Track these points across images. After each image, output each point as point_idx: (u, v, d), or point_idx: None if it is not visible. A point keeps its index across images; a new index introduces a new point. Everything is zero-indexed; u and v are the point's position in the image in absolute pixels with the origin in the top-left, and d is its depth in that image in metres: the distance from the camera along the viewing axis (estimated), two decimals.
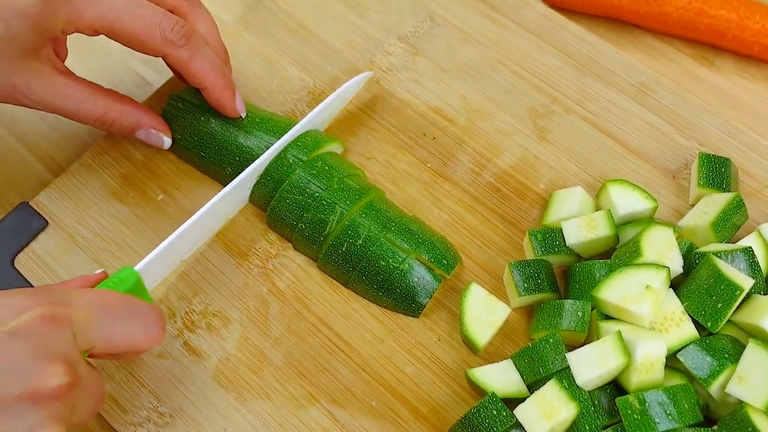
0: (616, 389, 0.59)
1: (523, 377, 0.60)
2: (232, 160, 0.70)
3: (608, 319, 0.61)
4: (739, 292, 0.57)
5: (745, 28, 0.77)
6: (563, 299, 0.63)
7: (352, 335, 0.66)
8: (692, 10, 0.78)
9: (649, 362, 0.56)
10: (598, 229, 0.64)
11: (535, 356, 0.59)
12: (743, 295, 0.57)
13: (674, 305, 0.59)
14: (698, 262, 0.61)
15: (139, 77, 0.83)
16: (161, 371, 0.65)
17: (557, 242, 0.65)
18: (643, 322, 0.58)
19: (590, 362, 0.57)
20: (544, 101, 0.76)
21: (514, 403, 0.58)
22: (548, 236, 0.66)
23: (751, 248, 0.61)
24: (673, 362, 0.58)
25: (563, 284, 0.67)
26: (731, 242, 0.65)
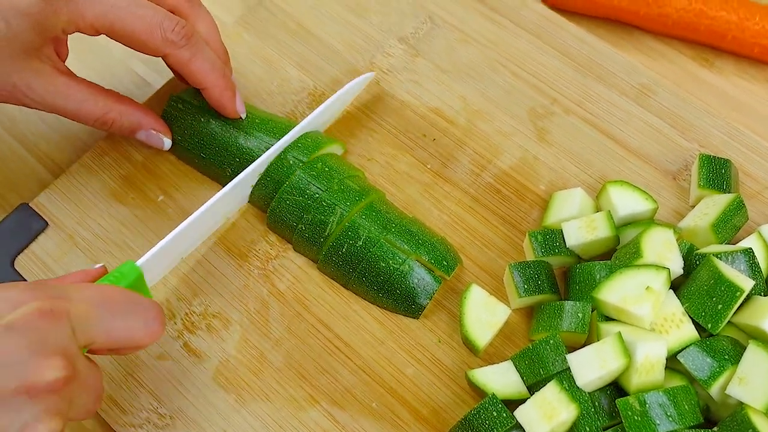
0: (616, 390, 0.59)
1: (523, 378, 0.60)
2: (232, 161, 0.70)
3: (608, 320, 0.61)
4: (739, 293, 0.57)
5: (745, 29, 0.77)
6: (563, 300, 0.63)
7: (352, 337, 0.66)
8: (692, 11, 0.78)
9: (649, 363, 0.56)
10: (598, 230, 0.64)
11: (535, 357, 0.59)
12: (743, 296, 0.57)
13: (674, 306, 0.59)
14: (698, 263, 0.61)
15: (139, 78, 0.83)
16: (161, 372, 0.65)
17: (557, 243, 0.65)
18: (643, 323, 0.58)
19: (590, 363, 0.57)
20: (544, 102, 0.76)
21: (514, 404, 0.58)
22: (548, 237, 0.66)
23: (751, 249, 0.61)
24: (673, 363, 0.58)
25: (563, 285, 0.67)
26: (731, 243, 0.65)
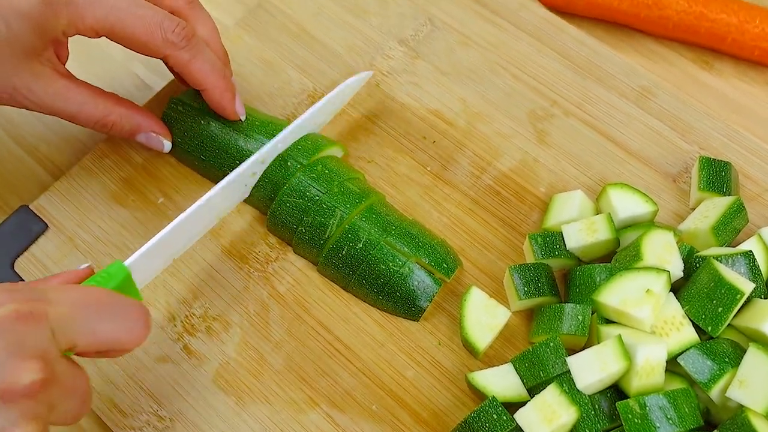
0: (616, 393, 0.59)
1: (523, 381, 0.60)
2: (232, 163, 0.70)
3: (609, 323, 0.61)
4: (739, 296, 0.57)
5: (745, 32, 0.77)
6: (563, 303, 0.63)
7: (352, 339, 0.66)
8: (692, 13, 0.78)
9: (649, 366, 0.56)
10: (598, 232, 0.64)
11: (535, 360, 0.59)
12: (744, 299, 0.57)
13: (675, 309, 0.59)
14: (699, 265, 0.61)
15: (139, 80, 0.83)
16: (161, 375, 0.65)
17: (557, 246, 0.65)
18: (643, 326, 0.58)
19: (591, 366, 0.57)
20: (544, 104, 0.76)
21: (514, 407, 0.58)
22: (548, 240, 0.66)
23: (751, 252, 0.60)
24: (673, 366, 0.58)
25: (563, 288, 0.67)
26: (732, 246, 0.65)
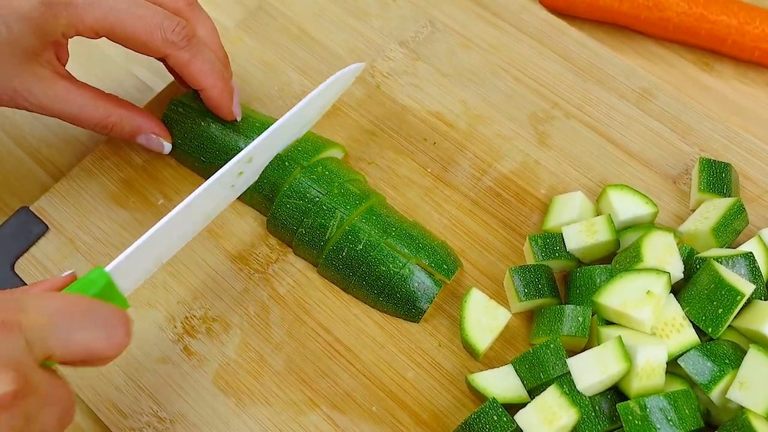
0: (616, 395, 0.59)
1: (523, 382, 0.60)
2: None
3: (609, 324, 0.60)
4: (740, 297, 0.57)
5: (745, 33, 0.77)
6: (564, 304, 0.63)
7: (352, 340, 0.66)
8: (693, 15, 0.78)
9: (650, 368, 0.56)
10: (598, 234, 0.64)
11: (535, 361, 0.59)
12: (744, 300, 0.57)
13: (675, 311, 0.59)
14: (699, 267, 0.61)
15: (139, 82, 0.83)
16: (161, 376, 0.65)
17: (558, 247, 0.65)
18: (643, 327, 0.58)
19: (591, 368, 0.57)
20: (544, 106, 0.76)
21: (514, 408, 0.58)
22: (549, 241, 0.66)
23: (751, 253, 0.60)
24: (673, 368, 0.58)
25: (564, 289, 0.67)
26: (732, 247, 0.65)
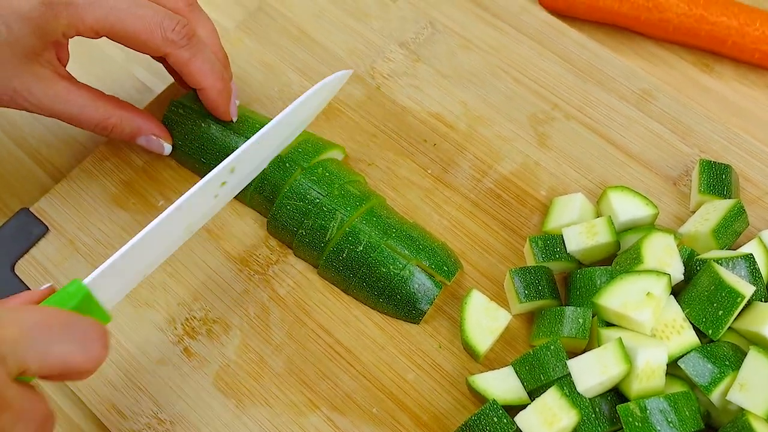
0: (617, 396, 0.59)
1: (524, 384, 0.60)
2: None
3: (609, 326, 0.60)
4: (740, 299, 0.57)
5: (745, 35, 0.77)
6: (564, 306, 0.63)
7: (352, 342, 0.66)
8: (693, 17, 0.78)
9: (650, 369, 0.56)
10: (598, 235, 0.64)
11: (536, 363, 0.59)
12: (744, 302, 0.57)
13: (675, 312, 0.59)
14: (699, 269, 0.61)
15: (139, 83, 0.83)
16: (161, 377, 0.65)
17: (558, 249, 0.65)
18: (644, 329, 0.58)
19: (591, 369, 0.57)
20: (544, 108, 0.76)
21: (515, 410, 0.58)
22: (549, 243, 0.66)
23: (752, 255, 0.60)
24: (674, 369, 0.58)
25: (564, 291, 0.67)
26: (732, 249, 0.65)
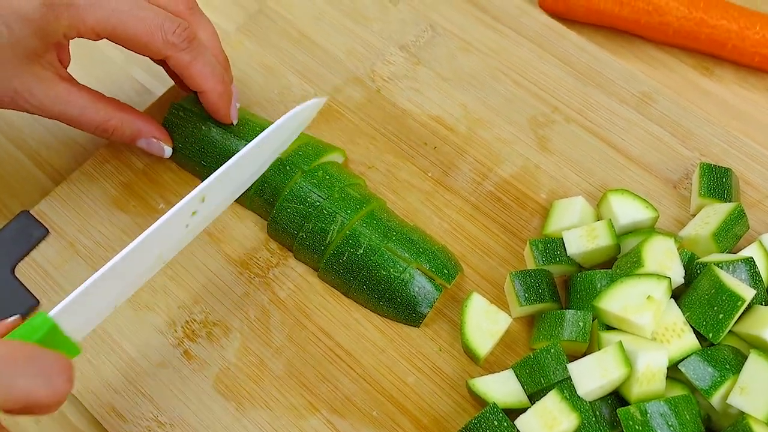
0: (617, 400, 0.59)
1: (524, 387, 0.60)
2: None
3: (609, 329, 0.61)
4: (740, 302, 0.57)
5: (745, 38, 0.77)
6: (564, 309, 0.63)
7: (353, 345, 0.66)
8: (693, 20, 0.78)
9: (650, 373, 0.56)
10: (599, 238, 0.64)
11: (536, 366, 0.59)
12: (745, 305, 0.57)
13: (675, 316, 0.59)
14: (699, 272, 0.61)
15: (140, 85, 0.83)
16: (161, 380, 0.65)
17: (558, 252, 0.65)
18: (644, 332, 0.58)
19: (591, 373, 0.57)
20: (545, 110, 0.76)
21: (515, 413, 0.58)
22: (549, 246, 0.66)
23: (752, 258, 0.60)
24: (674, 373, 0.58)
25: (564, 294, 0.67)
26: (732, 252, 0.65)
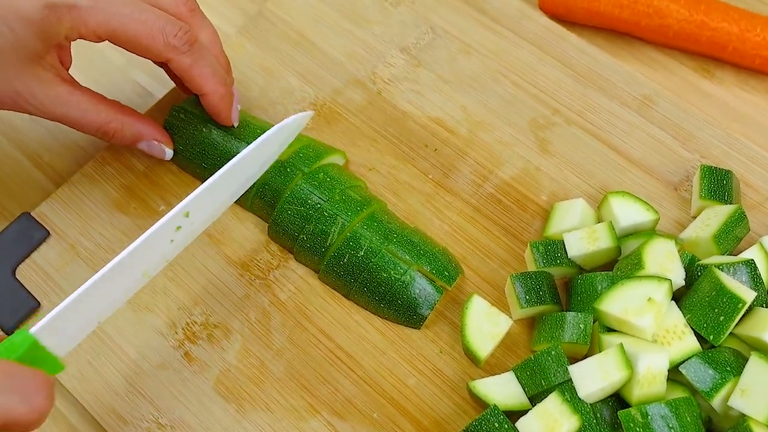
0: (618, 402, 0.59)
1: (524, 389, 0.60)
2: None
3: (610, 331, 0.60)
4: (741, 304, 0.57)
5: (746, 40, 0.77)
6: (565, 311, 0.63)
7: (353, 347, 0.66)
8: (693, 22, 0.78)
9: (651, 375, 0.56)
10: (599, 241, 0.64)
11: (537, 368, 0.59)
12: (745, 307, 0.57)
13: (676, 318, 0.59)
14: (700, 274, 0.61)
15: (141, 88, 0.83)
16: (162, 382, 0.65)
17: (559, 254, 0.65)
18: (645, 334, 0.58)
19: (592, 375, 0.57)
20: (545, 113, 0.76)
21: (516, 415, 0.58)
22: (550, 248, 0.66)
23: (753, 261, 0.60)
24: (675, 375, 0.58)
25: (565, 296, 0.67)
26: (733, 255, 0.65)
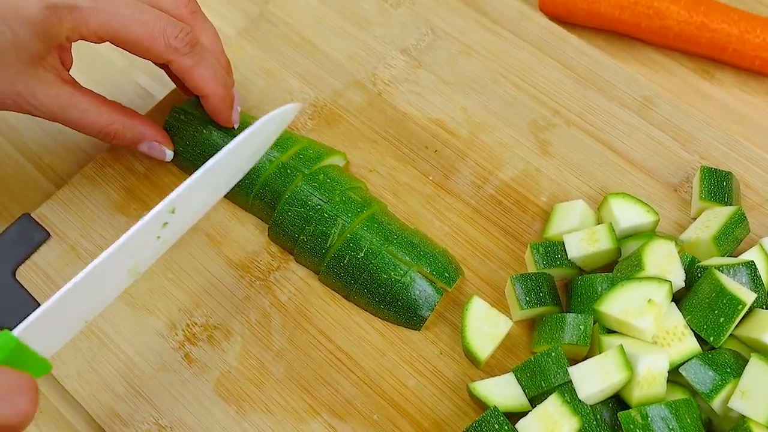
0: (618, 403, 0.59)
1: (525, 391, 0.60)
2: None
3: (610, 332, 0.60)
4: (741, 306, 0.57)
5: (746, 42, 0.77)
6: (565, 313, 0.63)
7: (353, 348, 0.66)
8: (693, 24, 0.78)
9: (651, 376, 0.56)
10: (599, 242, 0.64)
11: (537, 370, 0.59)
12: (745, 309, 0.57)
13: (676, 319, 0.59)
14: (700, 275, 0.61)
15: (141, 89, 0.83)
16: (162, 384, 0.65)
17: (559, 255, 0.65)
18: (645, 336, 0.58)
19: (592, 376, 0.57)
20: (545, 114, 0.76)
21: (516, 417, 0.58)
22: (550, 249, 0.66)
23: (753, 262, 0.60)
24: (675, 376, 0.58)
25: (565, 297, 0.67)
26: (733, 256, 0.65)
